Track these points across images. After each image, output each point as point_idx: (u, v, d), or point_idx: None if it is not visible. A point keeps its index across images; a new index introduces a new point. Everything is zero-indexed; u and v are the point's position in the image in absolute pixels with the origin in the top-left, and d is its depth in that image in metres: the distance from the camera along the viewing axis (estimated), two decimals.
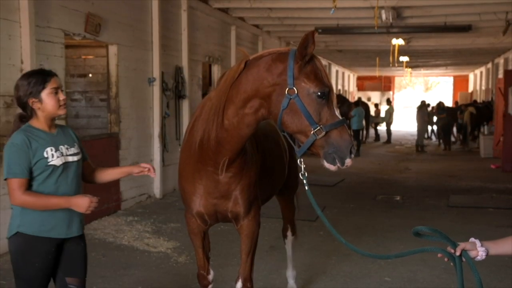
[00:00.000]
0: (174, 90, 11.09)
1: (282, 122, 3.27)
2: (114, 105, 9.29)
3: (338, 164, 3.21)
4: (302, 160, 3.38)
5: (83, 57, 11.69)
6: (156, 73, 10.27)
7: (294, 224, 5.40)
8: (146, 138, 10.25)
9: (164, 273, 6.08)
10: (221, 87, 3.42)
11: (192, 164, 3.69)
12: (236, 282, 3.97)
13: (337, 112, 3.24)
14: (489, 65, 27.08)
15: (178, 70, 11.21)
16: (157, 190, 10.38)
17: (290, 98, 3.19)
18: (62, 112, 3.34)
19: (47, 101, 3.26)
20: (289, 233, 5.34)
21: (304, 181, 3.36)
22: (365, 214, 9.28)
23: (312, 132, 3.17)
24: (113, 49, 9.22)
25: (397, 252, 6.75)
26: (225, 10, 13.51)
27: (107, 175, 3.68)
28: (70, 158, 3.33)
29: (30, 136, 3.21)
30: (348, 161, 3.21)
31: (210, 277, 4.05)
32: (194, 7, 11.73)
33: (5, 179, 3.20)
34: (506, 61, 21.98)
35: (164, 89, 10.58)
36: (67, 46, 8.57)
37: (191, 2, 11.53)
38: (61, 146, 3.31)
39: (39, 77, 3.27)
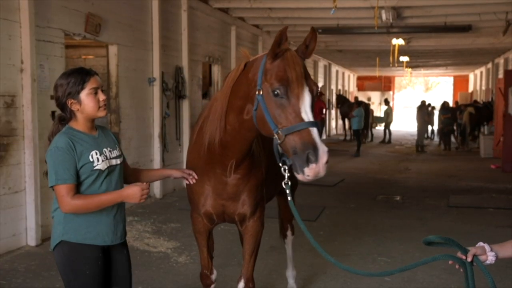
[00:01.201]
0: (174, 90, 11.09)
1: (257, 124, 3.15)
2: (114, 105, 9.29)
3: (300, 173, 2.85)
4: (286, 167, 3.06)
5: (83, 57, 11.73)
6: (156, 73, 10.27)
7: (287, 224, 5.33)
8: (146, 138, 10.25)
9: (164, 273, 6.08)
10: (224, 89, 3.39)
11: (201, 166, 3.65)
12: (238, 282, 3.94)
13: (304, 113, 2.92)
14: (489, 65, 27.06)
15: (178, 70, 11.21)
16: (157, 190, 10.36)
17: (258, 99, 3.06)
18: (102, 113, 3.10)
19: (86, 102, 3.04)
20: (289, 233, 5.31)
21: (287, 191, 3.11)
22: (365, 214, 9.27)
23: (274, 136, 2.98)
24: (113, 49, 9.23)
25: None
26: (225, 10, 13.51)
27: (146, 177, 3.52)
28: (114, 161, 3.16)
29: (74, 139, 3.01)
30: (307, 171, 2.81)
31: (213, 276, 4.03)
32: (194, 7, 11.73)
33: (51, 187, 2.99)
34: (506, 61, 21.97)
35: (164, 89, 10.58)
36: (67, 46, 8.58)
37: (191, 2, 11.53)
38: (105, 149, 3.12)
39: (78, 76, 3.05)
